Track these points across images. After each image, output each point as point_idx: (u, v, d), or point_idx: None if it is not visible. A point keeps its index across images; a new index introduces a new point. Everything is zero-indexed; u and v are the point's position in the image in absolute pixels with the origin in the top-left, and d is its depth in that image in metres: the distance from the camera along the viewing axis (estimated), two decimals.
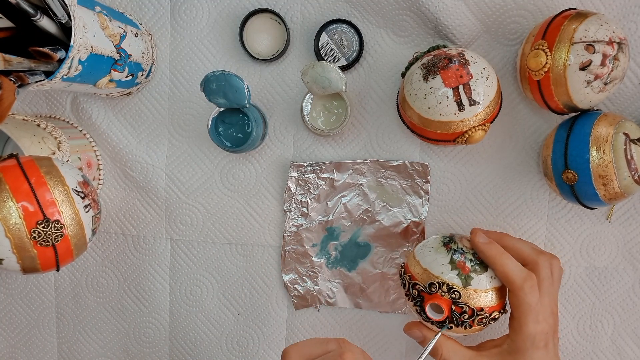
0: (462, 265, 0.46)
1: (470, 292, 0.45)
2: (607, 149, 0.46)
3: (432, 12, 0.53)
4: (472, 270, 0.45)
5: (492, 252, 0.45)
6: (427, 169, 0.57)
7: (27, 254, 0.43)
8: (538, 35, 0.48)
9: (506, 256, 0.45)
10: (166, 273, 0.63)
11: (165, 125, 0.60)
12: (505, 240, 0.49)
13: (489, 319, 0.46)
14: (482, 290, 0.45)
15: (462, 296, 0.45)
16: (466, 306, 0.45)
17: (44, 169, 0.45)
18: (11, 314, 0.66)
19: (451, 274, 0.45)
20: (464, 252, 0.46)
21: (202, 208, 0.61)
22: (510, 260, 0.45)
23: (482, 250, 0.46)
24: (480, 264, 0.46)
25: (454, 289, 0.45)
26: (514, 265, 0.45)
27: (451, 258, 0.46)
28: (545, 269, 0.46)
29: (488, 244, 0.46)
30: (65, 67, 0.44)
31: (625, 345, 0.59)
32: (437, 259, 0.47)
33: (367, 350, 0.61)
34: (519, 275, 0.44)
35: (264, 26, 0.57)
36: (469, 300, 0.45)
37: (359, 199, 0.58)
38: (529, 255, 0.47)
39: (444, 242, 0.48)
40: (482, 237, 0.47)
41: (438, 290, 0.45)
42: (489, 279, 0.46)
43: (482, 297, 0.45)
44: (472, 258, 0.46)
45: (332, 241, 0.59)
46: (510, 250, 0.47)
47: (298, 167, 0.58)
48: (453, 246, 0.47)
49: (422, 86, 0.47)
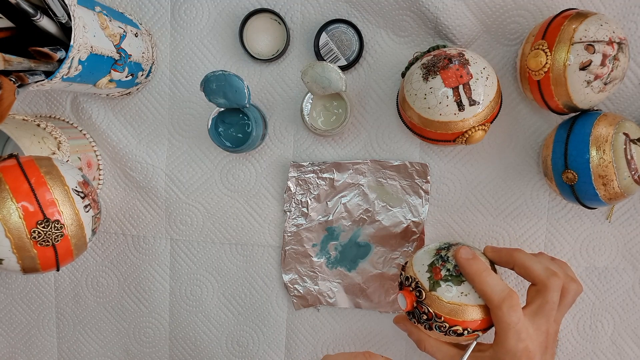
0: (437, 271, 0.46)
1: (433, 297, 0.45)
2: (607, 149, 0.46)
3: (432, 12, 0.53)
4: (443, 278, 0.46)
5: (472, 269, 0.44)
6: (427, 169, 0.57)
7: (27, 254, 0.43)
8: (538, 35, 0.48)
9: (487, 273, 0.44)
10: (166, 273, 0.63)
11: (165, 125, 0.60)
12: (515, 256, 0.47)
13: (449, 329, 0.45)
14: (444, 300, 0.45)
15: (425, 298, 0.45)
16: (427, 308, 0.45)
17: (44, 169, 0.45)
18: (11, 314, 0.66)
19: (424, 275, 0.46)
20: (447, 261, 0.46)
21: (202, 208, 0.61)
22: (490, 278, 0.44)
23: (463, 266, 0.45)
24: (456, 277, 0.46)
25: (419, 288, 0.46)
26: (494, 284, 0.44)
27: (432, 262, 0.47)
28: (553, 292, 0.44)
29: (469, 260, 0.45)
30: (65, 67, 0.44)
31: (625, 345, 0.59)
32: (422, 258, 0.48)
33: (367, 350, 0.61)
34: (498, 295, 0.43)
35: (264, 26, 0.57)
36: (430, 304, 0.45)
37: (359, 199, 0.58)
38: (539, 275, 0.45)
39: (440, 246, 0.49)
40: (465, 253, 0.46)
41: (409, 284, 0.47)
42: (458, 293, 0.45)
43: (443, 306, 0.45)
44: (450, 269, 0.46)
45: (332, 241, 0.59)
46: (519, 267, 0.46)
47: (298, 167, 0.58)
48: (442, 253, 0.47)
49: (422, 86, 0.47)
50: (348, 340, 0.61)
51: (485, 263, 0.46)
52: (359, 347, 0.61)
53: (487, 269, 0.45)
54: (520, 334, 0.43)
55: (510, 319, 0.43)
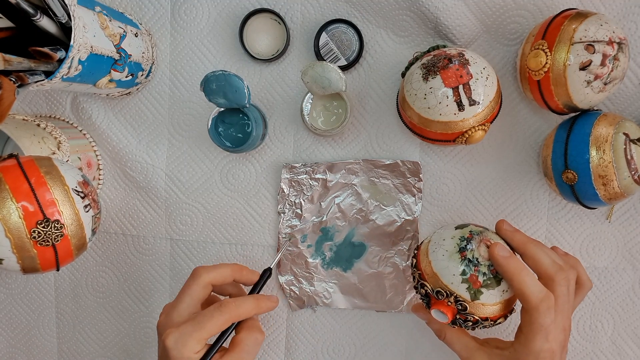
0: (474, 279, 0.43)
1: (477, 305, 0.43)
2: (607, 149, 0.46)
3: (432, 12, 0.53)
4: (483, 285, 0.44)
5: (511, 268, 0.43)
6: (419, 167, 0.57)
7: (27, 254, 0.43)
8: (538, 35, 0.48)
9: (525, 273, 0.43)
10: (166, 273, 0.63)
11: (165, 125, 0.60)
12: (528, 247, 0.46)
13: (492, 325, 0.45)
14: (490, 304, 0.44)
15: (469, 308, 0.44)
16: (471, 316, 0.44)
17: (44, 169, 0.45)
18: (11, 314, 0.66)
19: (461, 287, 0.44)
20: (479, 264, 0.44)
21: (202, 208, 0.61)
22: (529, 278, 0.43)
23: (501, 265, 0.43)
24: (494, 278, 0.44)
25: (461, 300, 0.44)
26: (532, 284, 0.43)
27: (463, 270, 0.44)
28: (562, 287, 0.44)
29: (507, 259, 0.43)
30: (65, 67, 0.44)
31: (625, 345, 0.59)
32: (449, 267, 0.44)
33: (367, 350, 0.61)
34: (537, 295, 0.42)
35: (264, 26, 0.57)
36: (475, 312, 0.44)
37: (352, 198, 0.59)
38: (547, 269, 0.44)
39: (460, 247, 0.45)
40: (502, 251, 0.44)
41: (445, 299, 0.44)
42: (500, 292, 0.44)
43: (489, 309, 0.44)
44: (485, 272, 0.44)
45: (327, 241, 0.59)
46: (529, 259, 0.45)
47: (291, 168, 0.58)
48: (468, 255, 0.44)
49: (422, 86, 0.47)
50: (348, 340, 0.61)
51: (520, 260, 0.44)
52: (359, 347, 0.61)
53: (525, 267, 0.43)
54: (548, 335, 0.42)
55: (545, 320, 0.42)
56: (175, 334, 0.44)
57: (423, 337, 0.60)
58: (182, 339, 0.43)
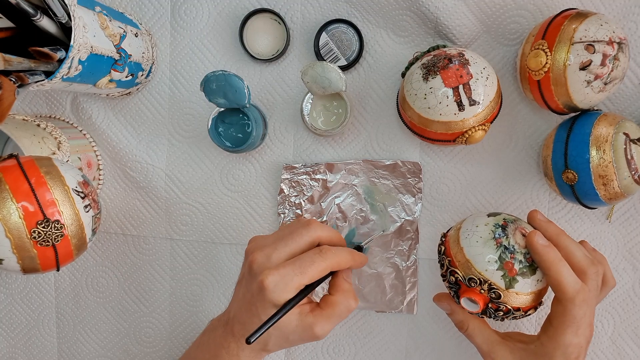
0: (510, 267, 0.42)
1: (511, 294, 0.43)
2: (607, 149, 0.46)
3: (432, 12, 0.53)
4: (519, 272, 0.42)
5: (550, 258, 0.42)
6: (420, 167, 0.57)
7: (27, 254, 0.43)
8: (538, 35, 0.48)
9: (562, 264, 0.42)
10: (166, 273, 0.63)
11: (165, 125, 0.60)
12: (561, 240, 0.45)
13: (522, 316, 0.45)
14: (524, 293, 0.43)
15: (503, 297, 0.43)
16: (504, 305, 0.43)
17: (44, 169, 0.45)
18: (11, 314, 0.66)
19: (496, 274, 0.42)
20: (515, 252, 0.43)
21: (202, 208, 0.61)
22: (566, 269, 0.42)
23: (540, 254, 0.42)
24: (530, 267, 0.43)
25: (495, 288, 0.42)
26: (569, 275, 0.42)
27: (499, 256, 0.43)
28: (593, 281, 0.43)
29: (547, 248, 0.42)
30: (65, 67, 0.44)
31: (625, 345, 0.59)
32: (483, 254, 0.43)
33: (367, 350, 0.61)
34: (573, 287, 0.41)
35: (264, 26, 0.57)
36: (508, 301, 0.43)
37: (352, 199, 0.58)
38: (580, 262, 0.43)
39: (495, 234, 0.44)
40: (541, 239, 0.43)
41: (477, 286, 0.43)
42: (535, 282, 0.43)
43: (522, 298, 0.43)
44: (522, 260, 0.43)
45: None
46: (562, 251, 0.44)
47: (290, 169, 0.58)
48: (504, 242, 0.43)
49: (422, 86, 0.47)
50: (348, 340, 0.61)
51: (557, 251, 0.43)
52: (359, 347, 0.61)
53: (562, 258, 0.43)
54: (579, 329, 0.42)
55: (578, 312, 0.42)
56: (275, 276, 0.41)
57: (423, 337, 0.60)
58: (282, 281, 0.41)
